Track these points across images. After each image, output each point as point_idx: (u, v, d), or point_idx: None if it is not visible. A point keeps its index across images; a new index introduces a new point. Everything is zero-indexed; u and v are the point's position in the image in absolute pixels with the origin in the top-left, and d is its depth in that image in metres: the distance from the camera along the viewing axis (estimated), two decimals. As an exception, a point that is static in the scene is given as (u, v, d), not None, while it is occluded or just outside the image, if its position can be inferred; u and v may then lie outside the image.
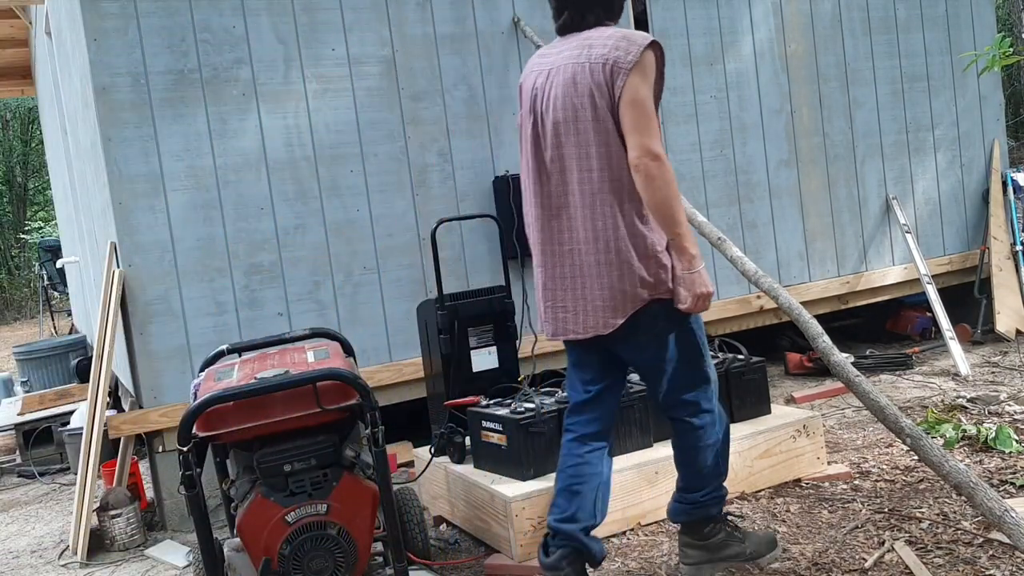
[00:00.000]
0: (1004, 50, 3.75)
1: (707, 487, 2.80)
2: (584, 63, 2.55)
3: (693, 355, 2.70)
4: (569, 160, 2.59)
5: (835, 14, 5.68)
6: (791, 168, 5.56)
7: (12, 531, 4.50)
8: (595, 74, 2.52)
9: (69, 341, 7.83)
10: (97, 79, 3.97)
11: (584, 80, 2.54)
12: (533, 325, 4.76)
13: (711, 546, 2.82)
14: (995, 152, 6.22)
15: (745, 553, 2.83)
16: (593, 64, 2.53)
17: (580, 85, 2.55)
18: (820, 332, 3.04)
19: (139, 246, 4.04)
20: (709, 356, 2.77)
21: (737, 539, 2.84)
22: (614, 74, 2.50)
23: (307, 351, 3.00)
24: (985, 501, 2.52)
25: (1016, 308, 5.85)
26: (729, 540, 2.83)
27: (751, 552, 2.84)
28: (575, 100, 2.56)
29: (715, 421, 2.77)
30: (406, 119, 4.56)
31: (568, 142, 2.59)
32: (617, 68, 2.50)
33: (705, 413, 2.74)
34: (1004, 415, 4.18)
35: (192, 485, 2.53)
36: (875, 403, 2.81)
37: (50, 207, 18.03)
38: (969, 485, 2.57)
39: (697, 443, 2.75)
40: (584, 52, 2.57)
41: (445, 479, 3.64)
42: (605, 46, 2.54)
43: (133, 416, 4.04)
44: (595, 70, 2.52)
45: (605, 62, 2.52)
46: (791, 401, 4.93)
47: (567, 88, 2.58)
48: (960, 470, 2.60)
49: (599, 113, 2.53)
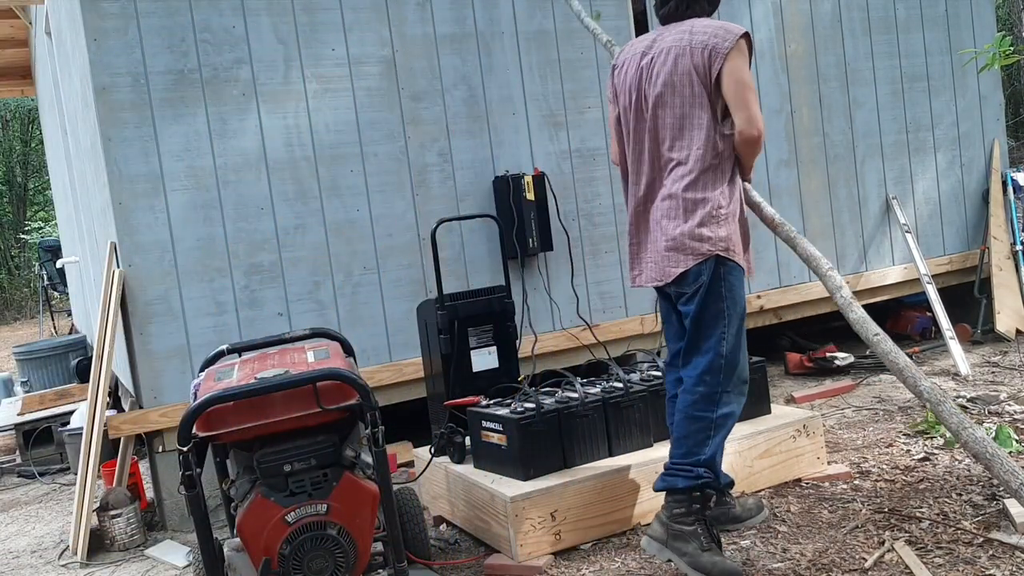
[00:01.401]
0: (1004, 49, 3.75)
1: (678, 454, 2.89)
2: (686, 47, 2.87)
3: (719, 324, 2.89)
4: (663, 130, 2.92)
5: (835, 14, 5.68)
6: (791, 168, 5.56)
7: (12, 531, 4.50)
8: (695, 56, 2.84)
9: (69, 341, 7.83)
10: (97, 79, 3.97)
11: (685, 62, 2.85)
12: (533, 325, 4.76)
13: (671, 530, 2.82)
14: (995, 152, 6.21)
15: (696, 560, 2.75)
16: (694, 48, 2.85)
17: (681, 66, 2.86)
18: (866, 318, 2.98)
19: (139, 246, 4.04)
20: (739, 341, 2.90)
21: (701, 545, 2.77)
22: (712, 58, 2.82)
23: (307, 351, 3.00)
24: (1002, 473, 2.50)
25: (1016, 308, 5.85)
26: (691, 539, 2.77)
27: (702, 564, 2.75)
28: (675, 78, 2.87)
29: (712, 400, 2.85)
30: (406, 119, 4.56)
31: (665, 114, 2.91)
32: (716, 53, 2.82)
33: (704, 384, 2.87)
34: (1004, 415, 4.18)
35: (192, 485, 2.53)
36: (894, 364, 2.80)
37: (50, 207, 18.03)
38: (987, 455, 2.54)
39: (684, 406, 2.90)
40: (686, 38, 2.88)
41: (445, 479, 3.64)
42: (705, 33, 2.86)
43: (133, 416, 4.04)
44: (695, 53, 2.85)
45: (704, 47, 2.84)
46: (791, 401, 4.93)
47: (670, 68, 2.89)
48: (979, 439, 2.56)
49: (695, 91, 2.85)
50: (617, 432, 3.46)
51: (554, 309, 4.85)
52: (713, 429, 2.85)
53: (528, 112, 4.83)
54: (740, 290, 2.91)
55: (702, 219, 2.83)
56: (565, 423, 3.35)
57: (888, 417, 4.42)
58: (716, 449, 2.86)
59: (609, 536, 3.27)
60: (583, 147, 4.97)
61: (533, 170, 4.79)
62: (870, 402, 4.76)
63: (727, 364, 2.87)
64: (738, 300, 2.90)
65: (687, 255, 2.84)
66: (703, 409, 2.86)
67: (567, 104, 4.92)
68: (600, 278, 5.00)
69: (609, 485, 3.28)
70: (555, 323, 4.86)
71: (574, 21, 4.93)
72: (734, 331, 2.88)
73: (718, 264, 2.84)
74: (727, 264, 2.86)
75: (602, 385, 3.62)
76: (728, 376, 2.87)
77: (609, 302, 5.02)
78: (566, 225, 4.86)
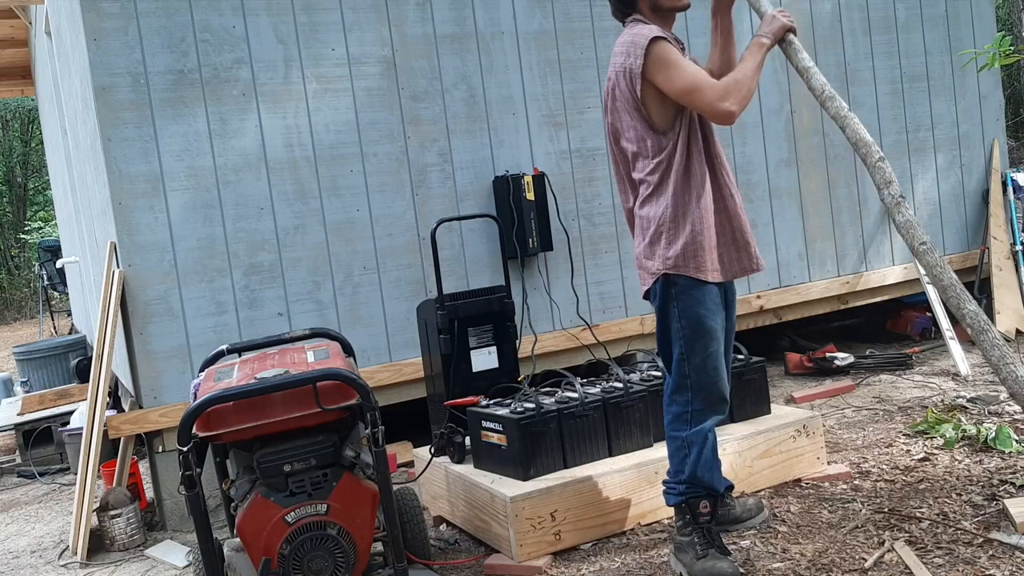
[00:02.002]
0: (1004, 49, 3.75)
1: (669, 471, 2.95)
2: (613, 75, 2.84)
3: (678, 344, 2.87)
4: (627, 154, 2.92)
5: (835, 14, 5.68)
6: (791, 168, 5.56)
7: (12, 531, 4.50)
8: (621, 83, 2.80)
9: (69, 341, 7.83)
10: (97, 79, 3.97)
11: (619, 92, 2.83)
12: (533, 325, 4.76)
13: (675, 542, 2.94)
14: (995, 152, 6.22)
15: (692, 569, 2.81)
16: (618, 74, 2.81)
17: (618, 96, 2.84)
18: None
19: (139, 246, 4.04)
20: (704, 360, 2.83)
21: (696, 554, 2.82)
22: (633, 82, 2.76)
23: (307, 351, 3.00)
24: None
25: (1016, 308, 5.85)
26: (688, 548, 2.85)
27: (695, 572, 2.80)
28: (618, 105, 2.84)
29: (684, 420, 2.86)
30: (406, 119, 4.56)
31: (622, 140, 2.90)
32: (634, 76, 2.75)
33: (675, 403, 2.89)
34: (1004, 415, 4.18)
35: (192, 485, 2.53)
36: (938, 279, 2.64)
37: (50, 207, 18.03)
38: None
39: (665, 424, 2.94)
40: (615, 62, 2.84)
41: (445, 479, 3.64)
42: (620, 55, 2.81)
43: (133, 416, 4.04)
44: (620, 80, 2.80)
45: (624, 71, 2.78)
46: (791, 401, 4.93)
47: (611, 99, 2.89)
48: (1020, 378, 2.47)
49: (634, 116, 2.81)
50: (617, 432, 3.46)
51: (554, 309, 4.85)
52: (688, 448, 2.86)
53: (528, 112, 4.84)
54: (700, 307, 2.81)
55: (650, 238, 2.83)
56: (565, 423, 3.36)
57: (888, 417, 4.42)
58: (696, 466, 2.85)
59: (609, 536, 3.27)
60: (583, 147, 4.97)
61: (533, 170, 4.79)
62: (870, 402, 4.76)
63: (694, 384, 2.84)
64: (700, 319, 2.81)
65: (644, 273, 2.89)
66: (677, 428, 2.88)
67: (567, 104, 4.92)
68: (600, 278, 5.01)
69: (609, 485, 3.28)
70: (555, 323, 4.86)
71: (574, 21, 4.94)
72: (698, 350, 2.81)
73: (667, 283, 2.82)
74: (678, 282, 2.80)
75: (602, 385, 3.62)
76: (698, 395, 2.85)
77: (609, 302, 5.02)
78: (566, 225, 4.87)
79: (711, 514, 2.90)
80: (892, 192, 2.70)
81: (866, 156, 2.74)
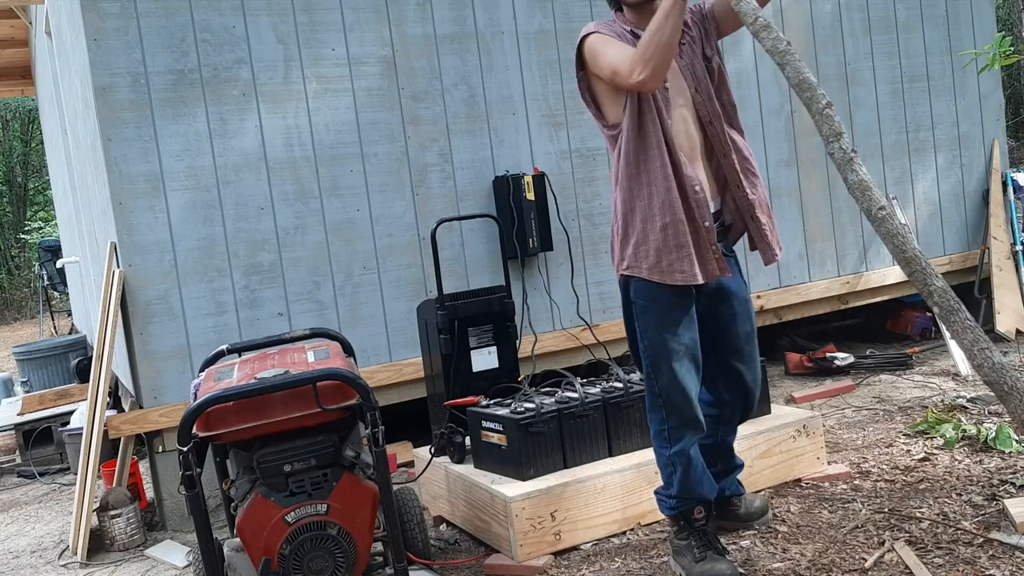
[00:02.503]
0: (1004, 49, 3.75)
1: (663, 481, 2.90)
2: None
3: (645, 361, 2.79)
4: None
5: (835, 14, 5.68)
6: (791, 168, 5.56)
7: (12, 531, 4.50)
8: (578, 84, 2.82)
9: (69, 341, 7.83)
10: (97, 79, 3.97)
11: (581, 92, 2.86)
12: (533, 325, 4.76)
13: (673, 546, 2.93)
14: (995, 152, 6.21)
15: (690, 572, 2.81)
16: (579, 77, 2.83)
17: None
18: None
19: (139, 246, 4.04)
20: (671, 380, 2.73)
21: (694, 557, 2.82)
22: (579, 81, 2.80)
23: (307, 351, 3.00)
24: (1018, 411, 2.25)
25: (1016, 308, 5.85)
26: (685, 552, 2.85)
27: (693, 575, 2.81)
28: None
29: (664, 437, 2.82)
30: (406, 119, 4.56)
31: None
32: (576, 72, 2.78)
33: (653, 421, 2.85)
34: (1004, 415, 4.17)
35: (192, 485, 2.53)
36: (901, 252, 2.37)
37: (50, 207, 18.02)
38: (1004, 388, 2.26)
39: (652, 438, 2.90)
40: None
41: (445, 479, 3.64)
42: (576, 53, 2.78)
43: (133, 416, 4.04)
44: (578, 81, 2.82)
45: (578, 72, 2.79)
46: (791, 401, 4.93)
47: None
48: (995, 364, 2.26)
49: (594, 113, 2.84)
50: (617, 432, 3.46)
51: (554, 309, 4.85)
52: (673, 467, 2.82)
53: (528, 112, 4.83)
54: (656, 316, 2.67)
55: (612, 235, 2.84)
56: (565, 423, 3.35)
57: (888, 417, 4.42)
58: (683, 485, 2.82)
59: (609, 536, 3.27)
60: (583, 147, 4.97)
61: (533, 170, 4.79)
62: (870, 402, 4.76)
63: (666, 403, 2.76)
64: (657, 329, 2.67)
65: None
66: (660, 445, 2.85)
67: (567, 104, 4.92)
68: (600, 278, 5.00)
69: (609, 485, 3.28)
70: (555, 323, 4.86)
71: (574, 21, 4.93)
72: (664, 370, 2.70)
73: (626, 286, 2.77)
74: (632, 283, 2.72)
75: (602, 385, 3.62)
76: (672, 413, 2.77)
77: (609, 302, 5.02)
78: (566, 225, 4.86)
79: (706, 518, 2.90)
80: (843, 146, 2.35)
81: (810, 102, 2.38)
